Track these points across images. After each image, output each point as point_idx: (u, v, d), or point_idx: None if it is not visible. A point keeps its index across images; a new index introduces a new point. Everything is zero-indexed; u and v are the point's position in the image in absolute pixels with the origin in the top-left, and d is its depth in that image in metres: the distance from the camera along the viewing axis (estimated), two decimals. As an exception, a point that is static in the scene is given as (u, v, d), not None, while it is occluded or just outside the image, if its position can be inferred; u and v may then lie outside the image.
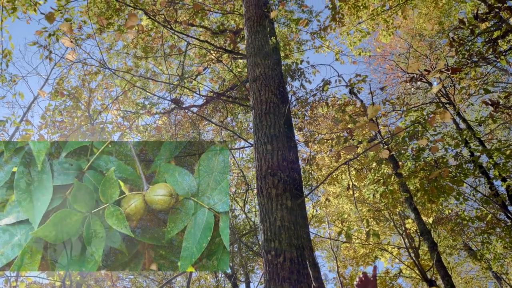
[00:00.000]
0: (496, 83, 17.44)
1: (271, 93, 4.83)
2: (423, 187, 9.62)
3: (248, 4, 6.07)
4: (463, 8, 14.76)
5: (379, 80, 17.98)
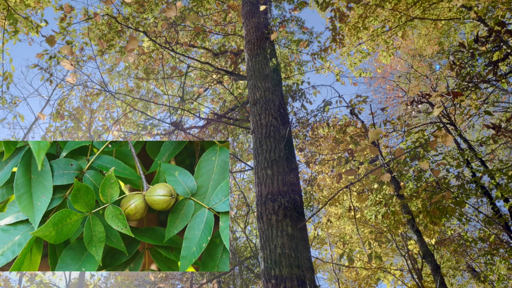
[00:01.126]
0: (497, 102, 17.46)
1: (271, 116, 4.81)
2: (425, 209, 9.54)
3: (248, 27, 6.09)
4: (462, 29, 14.86)
5: (379, 101, 18.02)
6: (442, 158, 10.66)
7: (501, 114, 17.08)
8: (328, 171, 12.94)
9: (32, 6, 10.68)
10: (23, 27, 9.35)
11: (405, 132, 10.74)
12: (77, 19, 10.01)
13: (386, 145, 13.11)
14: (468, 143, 13.79)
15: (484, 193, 11.62)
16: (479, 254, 15.14)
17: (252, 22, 6.12)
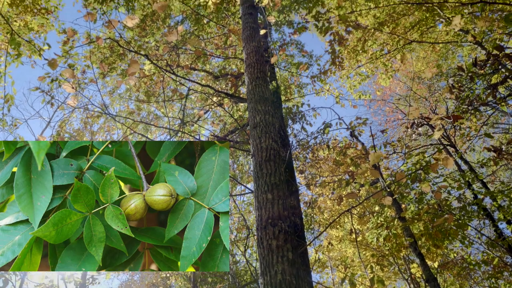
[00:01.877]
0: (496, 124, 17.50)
1: (271, 140, 4.80)
2: (428, 231, 9.46)
3: (249, 51, 6.14)
4: (460, 51, 15.01)
5: (379, 123, 18.08)
6: (443, 180, 10.63)
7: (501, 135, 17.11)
8: (328, 193, 12.90)
9: (36, 30, 10.82)
10: (26, 50, 9.44)
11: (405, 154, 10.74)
12: (79, 42, 10.11)
13: (387, 167, 13.09)
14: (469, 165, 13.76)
15: (487, 215, 11.55)
16: (483, 277, 14.96)
17: (252, 46, 6.17)
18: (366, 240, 13.50)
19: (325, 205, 13.95)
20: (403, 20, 13.01)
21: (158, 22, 10.52)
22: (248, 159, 11.67)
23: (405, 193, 9.85)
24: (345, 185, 9.95)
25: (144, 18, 10.55)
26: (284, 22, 11.60)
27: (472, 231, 13.36)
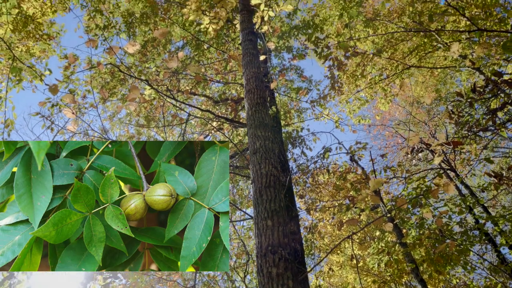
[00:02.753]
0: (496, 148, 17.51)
1: (271, 165, 4.79)
2: (429, 257, 9.37)
3: (248, 76, 6.18)
4: (458, 76, 15.13)
5: (379, 147, 18.09)
6: (444, 205, 10.58)
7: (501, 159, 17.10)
8: (329, 218, 12.80)
9: (38, 55, 10.92)
10: (27, 75, 9.51)
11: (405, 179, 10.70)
12: (80, 67, 10.20)
13: (387, 192, 13.03)
14: (470, 189, 13.72)
15: (489, 240, 11.45)
16: (485, 303, 14.73)
17: (252, 72, 6.21)
18: (367, 265, 13.34)
19: (325, 230, 13.83)
20: (401, 46, 13.16)
21: (159, 47, 10.63)
22: (248, 184, 11.63)
23: (406, 218, 9.78)
24: (345, 210, 9.89)
25: (145, 43, 10.67)
26: (284, 48, 11.73)
27: (474, 256, 13.21)
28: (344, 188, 12.02)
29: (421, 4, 13.06)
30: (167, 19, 10.89)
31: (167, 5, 11.39)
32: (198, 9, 8.86)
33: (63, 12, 10.74)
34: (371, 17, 13.14)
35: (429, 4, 12.98)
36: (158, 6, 11.16)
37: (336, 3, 12.59)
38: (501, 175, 4.93)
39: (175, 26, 10.88)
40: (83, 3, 9.12)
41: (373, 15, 13.56)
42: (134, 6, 10.64)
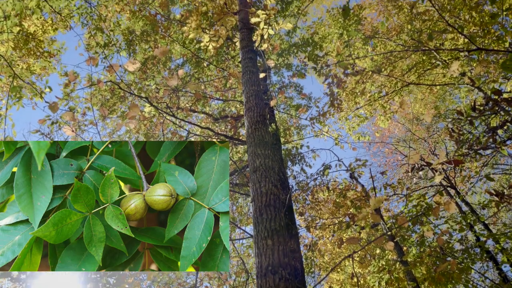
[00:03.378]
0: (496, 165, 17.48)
1: (271, 184, 4.77)
2: (430, 275, 9.27)
3: (248, 94, 6.19)
4: (457, 93, 15.18)
5: (379, 164, 18.06)
6: (445, 222, 10.53)
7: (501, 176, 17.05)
8: (329, 236, 12.72)
9: (38, 72, 10.96)
10: (27, 92, 9.53)
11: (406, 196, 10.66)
12: (81, 85, 10.23)
13: (387, 209, 12.96)
14: (470, 206, 13.63)
15: (490, 257, 11.35)
16: (488, 322, 14.55)
17: (252, 89, 6.23)
18: (367, 284, 13.20)
19: (325, 248, 13.73)
20: (400, 63, 13.23)
21: (159, 65, 10.68)
22: (248, 201, 11.58)
23: (407, 235, 9.71)
24: (345, 227, 9.83)
25: (145, 61, 10.72)
26: (283, 65, 11.79)
27: (476, 274, 13.07)
28: (344, 205, 11.96)
29: (420, 22, 13.17)
30: (167, 36, 10.96)
31: (167, 23, 11.47)
32: (198, 27, 8.93)
33: (64, 30, 10.81)
34: (370, 35, 13.23)
35: (427, 22, 13.09)
36: (158, 24, 11.24)
37: (335, 21, 12.70)
38: (502, 194, 4.91)
39: (175, 44, 10.95)
40: (84, 21, 9.19)
41: (372, 33, 13.66)
42: (135, 24, 10.72)
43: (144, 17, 10.93)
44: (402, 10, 13.35)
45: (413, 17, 12.64)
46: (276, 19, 11.65)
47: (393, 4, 13.46)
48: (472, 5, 11.99)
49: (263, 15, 7.83)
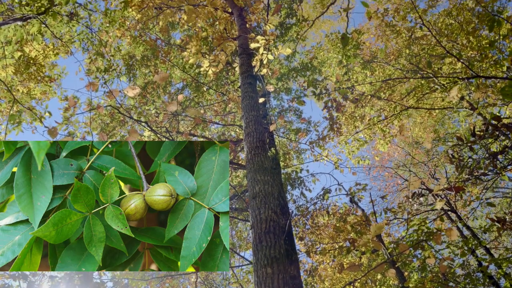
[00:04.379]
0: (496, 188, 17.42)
1: (270, 210, 4.73)
2: (433, 302, 9.14)
3: (248, 120, 6.20)
4: (456, 116, 15.23)
5: (379, 188, 18.00)
6: (446, 246, 10.43)
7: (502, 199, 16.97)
8: (329, 261, 12.57)
9: (39, 97, 11.00)
10: (27, 117, 9.54)
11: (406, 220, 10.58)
12: (81, 109, 10.26)
13: (388, 233, 12.85)
14: (471, 231, 13.52)
15: (492, 283, 11.20)
16: None
17: (252, 115, 6.24)
18: (369, 310, 12.98)
19: (325, 273, 13.54)
20: (399, 87, 13.31)
21: (159, 89, 10.73)
22: (247, 225, 11.48)
23: (408, 261, 9.60)
24: (346, 252, 9.72)
25: (145, 85, 10.77)
26: (283, 89, 11.85)
27: (479, 300, 12.86)
28: (344, 230, 11.86)
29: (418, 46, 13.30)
30: (168, 61, 11.05)
31: (167, 48, 11.58)
32: (198, 52, 9.00)
33: (65, 54, 10.91)
34: (368, 59, 13.35)
35: (425, 47, 13.22)
36: (158, 49, 11.35)
37: (334, 46, 12.83)
38: (504, 220, 4.87)
39: (175, 69, 11.02)
40: (85, 47, 9.27)
41: (370, 57, 13.78)
42: (135, 49, 10.81)
43: (144, 42, 11.03)
44: (400, 35, 13.50)
45: (411, 41, 12.77)
46: (276, 44, 11.76)
47: (391, 29, 13.62)
48: (469, 30, 12.14)
49: (263, 40, 7.90)
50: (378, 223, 4.70)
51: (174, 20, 11.64)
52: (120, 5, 9.07)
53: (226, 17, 9.55)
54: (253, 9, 10.33)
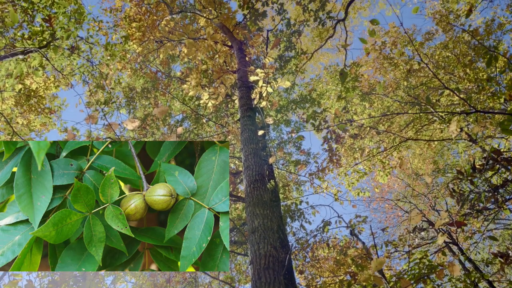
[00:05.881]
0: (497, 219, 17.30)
1: (270, 245, 4.65)
2: None
3: (247, 153, 6.19)
4: (455, 148, 15.24)
5: (379, 220, 17.85)
6: (448, 280, 10.27)
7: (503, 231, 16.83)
8: (330, 295, 12.32)
9: (39, 129, 11.02)
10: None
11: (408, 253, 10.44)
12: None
13: (389, 267, 12.65)
14: (474, 263, 13.34)
15: (496, 317, 10.98)
16: None
17: (251, 148, 6.23)
18: None
19: (326, 308, 13.25)
20: (398, 119, 13.37)
21: (158, 121, 10.76)
22: (246, 258, 11.31)
23: (411, 295, 9.41)
24: (346, 286, 9.56)
25: (145, 117, 10.82)
26: (282, 121, 11.89)
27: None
28: (344, 263, 11.69)
29: (415, 78, 13.44)
30: (168, 93, 11.13)
31: (167, 80, 11.68)
32: (198, 84, 9.07)
33: (66, 87, 10.99)
34: (367, 91, 13.46)
35: (423, 79, 13.36)
36: (159, 81, 11.45)
37: (333, 78, 12.96)
38: (507, 255, 4.80)
39: (175, 100, 11.09)
40: (85, 79, 9.35)
41: (369, 89, 13.90)
42: (135, 81, 10.90)
43: (145, 74, 11.13)
44: (398, 67, 13.67)
45: (409, 74, 12.91)
46: (275, 76, 11.88)
47: (388, 62, 13.79)
48: (465, 62, 12.29)
49: (262, 73, 7.97)
50: (379, 258, 4.63)
51: (175, 53, 11.79)
52: (121, 39, 9.20)
53: (226, 50, 9.68)
54: (252, 43, 10.48)
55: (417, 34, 18.78)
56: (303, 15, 12.73)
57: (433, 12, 14.80)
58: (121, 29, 10.02)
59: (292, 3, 14.20)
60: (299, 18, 15.09)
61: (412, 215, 4.40)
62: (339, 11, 14.32)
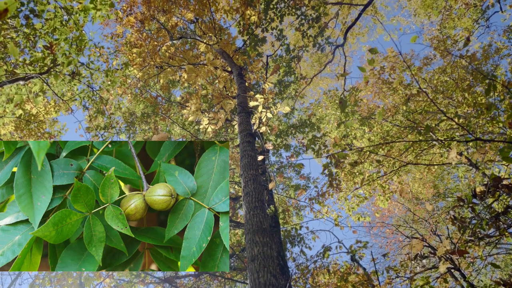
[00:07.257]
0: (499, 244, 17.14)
1: (270, 274, 4.59)
2: None
3: (246, 179, 6.16)
4: (455, 172, 15.22)
5: (380, 245, 17.70)
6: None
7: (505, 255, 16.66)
8: (331, 323, 12.13)
9: (37, 153, 10.98)
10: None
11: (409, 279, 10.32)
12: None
13: (391, 293, 12.45)
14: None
15: None
16: None
17: (250, 174, 6.21)
18: None
19: (327, 335, 13.02)
20: (397, 143, 13.38)
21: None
22: (245, 285, 11.17)
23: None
24: (348, 314, 9.42)
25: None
26: (282, 146, 11.89)
27: None
28: (345, 290, 11.52)
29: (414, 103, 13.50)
30: (168, 118, 11.16)
31: (167, 105, 11.73)
32: (197, 109, 9.11)
33: (66, 112, 11.02)
34: (366, 116, 13.51)
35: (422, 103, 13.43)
36: (159, 106, 11.49)
37: (332, 103, 13.02)
38: (510, 283, 4.73)
39: (175, 125, 11.11)
40: (85, 104, 9.39)
41: (368, 113, 13.95)
42: (136, 106, 10.95)
43: (145, 99, 11.19)
44: (397, 92, 13.75)
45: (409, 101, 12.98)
46: (274, 101, 11.94)
47: (387, 86, 13.88)
48: (464, 87, 12.38)
49: (261, 99, 8.01)
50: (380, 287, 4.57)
51: (175, 78, 11.88)
52: (122, 65, 9.27)
53: (226, 76, 9.75)
54: (252, 68, 10.56)
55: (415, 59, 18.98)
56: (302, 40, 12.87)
57: (431, 37, 14.99)
58: (122, 55, 10.11)
59: (291, 29, 14.38)
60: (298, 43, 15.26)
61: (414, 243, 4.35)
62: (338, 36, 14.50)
